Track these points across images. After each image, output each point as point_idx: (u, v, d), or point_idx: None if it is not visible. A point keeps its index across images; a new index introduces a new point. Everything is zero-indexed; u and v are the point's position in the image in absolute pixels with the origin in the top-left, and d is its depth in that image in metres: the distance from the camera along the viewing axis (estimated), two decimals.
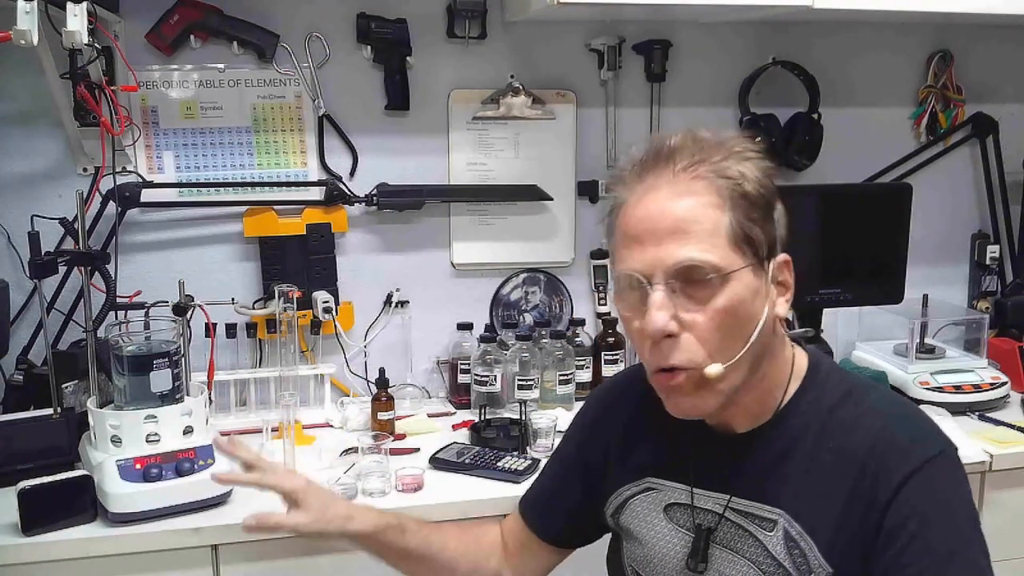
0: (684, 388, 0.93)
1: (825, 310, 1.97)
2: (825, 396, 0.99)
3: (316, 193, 1.94)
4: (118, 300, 1.73)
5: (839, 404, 0.98)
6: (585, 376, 2.00)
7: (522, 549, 1.23)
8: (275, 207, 1.91)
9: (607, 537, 1.20)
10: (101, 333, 1.63)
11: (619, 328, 2.08)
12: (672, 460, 1.06)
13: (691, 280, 0.90)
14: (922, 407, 1.84)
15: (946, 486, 0.91)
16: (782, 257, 0.96)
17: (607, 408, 1.18)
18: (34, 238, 1.55)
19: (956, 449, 0.95)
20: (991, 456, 1.69)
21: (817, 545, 0.94)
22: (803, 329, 1.89)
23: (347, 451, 1.68)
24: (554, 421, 1.71)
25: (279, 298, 1.72)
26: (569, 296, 2.15)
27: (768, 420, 0.99)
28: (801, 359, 1.02)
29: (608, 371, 2.02)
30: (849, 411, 0.97)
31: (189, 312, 1.70)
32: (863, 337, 2.19)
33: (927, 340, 2.07)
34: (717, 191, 0.91)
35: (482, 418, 1.83)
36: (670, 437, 1.06)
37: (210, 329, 1.78)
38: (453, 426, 1.87)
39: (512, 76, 2.01)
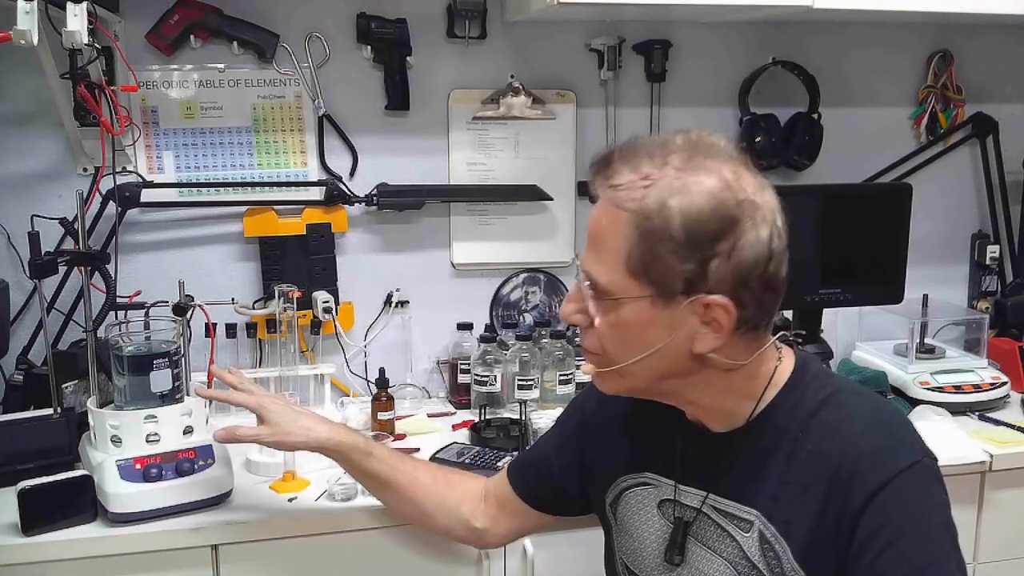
0: (591, 368, 1.02)
1: (825, 310, 1.97)
2: (806, 400, 0.99)
3: (316, 193, 1.94)
4: (118, 300, 1.73)
5: (819, 408, 0.97)
6: (585, 376, 2.00)
7: (503, 504, 1.25)
8: (275, 207, 1.91)
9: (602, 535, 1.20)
10: (101, 333, 1.63)
11: None
12: (665, 455, 1.07)
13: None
14: (922, 407, 1.87)
15: (921, 497, 0.90)
16: (717, 299, 0.90)
17: (612, 398, 1.17)
18: (34, 238, 1.55)
19: (935, 459, 0.94)
20: (991, 456, 1.69)
21: (791, 549, 0.94)
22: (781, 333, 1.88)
23: None
24: (554, 421, 1.70)
25: (279, 298, 1.72)
26: None
27: (746, 422, 0.99)
28: (786, 365, 1.01)
29: None
30: (828, 416, 0.97)
31: (189, 312, 1.70)
32: (863, 337, 2.19)
33: (927, 340, 2.07)
34: (628, 220, 0.91)
35: (482, 418, 1.83)
36: (664, 432, 1.07)
37: (210, 329, 1.78)
38: (453, 426, 1.87)
39: (512, 76, 2.01)
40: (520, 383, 1.89)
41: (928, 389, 1.92)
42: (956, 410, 1.88)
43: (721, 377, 0.97)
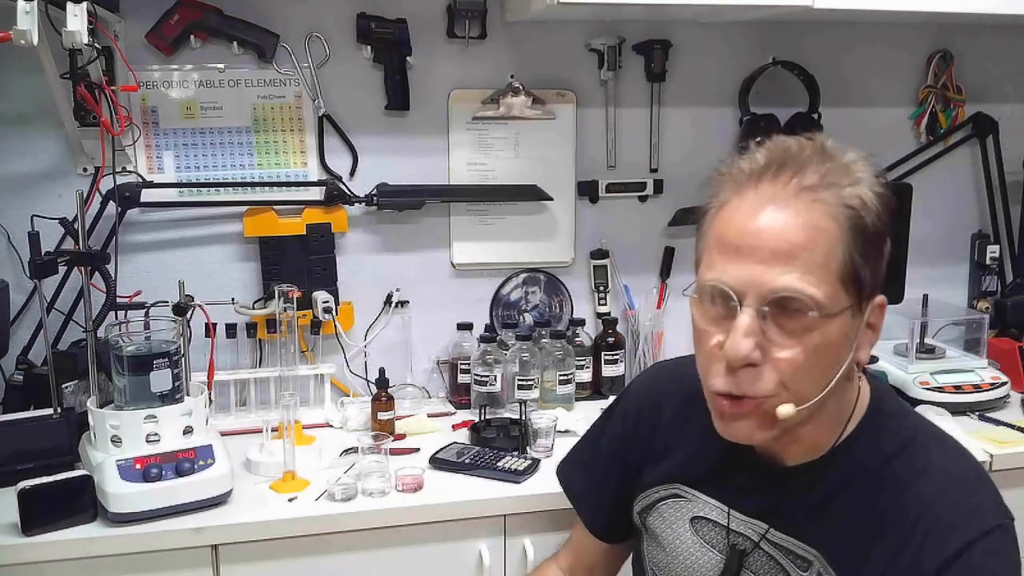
0: (747, 416, 0.86)
1: None
2: (884, 441, 0.92)
3: (316, 193, 1.94)
4: (118, 300, 1.73)
5: (897, 453, 0.91)
6: (585, 376, 2.00)
7: (586, 566, 1.22)
8: (275, 207, 1.91)
9: None
10: (101, 333, 1.63)
11: (619, 328, 2.08)
12: (710, 474, 1.02)
13: (786, 310, 0.82)
14: (922, 407, 1.87)
15: (999, 564, 0.85)
16: (880, 299, 0.88)
17: (650, 405, 1.13)
18: (34, 238, 1.55)
19: (1013, 520, 0.89)
20: (991, 456, 1.69)
21: None
22: None
23: (347, 451, 1.68)
24: (554, 421, 1.71)
25: (279, 298, 1.72)
26: (569, 296, 2.15)
27: (822, 456, 0.93)
28: (864, 392, 0.95)
29: (608, 371, 2.02)
30: (907, 463, 0.91)
31: (189, 312, 1.70)
32: None
33: (927, 340, 2.07)
34: (836, 220, 0.83)
35: (482, 418, 1.83)
36: (712, 450, 1.00)
37: (210, 329, 1.78)
38: (453, 426, 1.87)
39: (512, 76, 2.01)
40: (520, 383, 1.89)
41: (928, 389, 1.92)
42: (956, 410, 1.88)
43: (832, 396, 0.87)
